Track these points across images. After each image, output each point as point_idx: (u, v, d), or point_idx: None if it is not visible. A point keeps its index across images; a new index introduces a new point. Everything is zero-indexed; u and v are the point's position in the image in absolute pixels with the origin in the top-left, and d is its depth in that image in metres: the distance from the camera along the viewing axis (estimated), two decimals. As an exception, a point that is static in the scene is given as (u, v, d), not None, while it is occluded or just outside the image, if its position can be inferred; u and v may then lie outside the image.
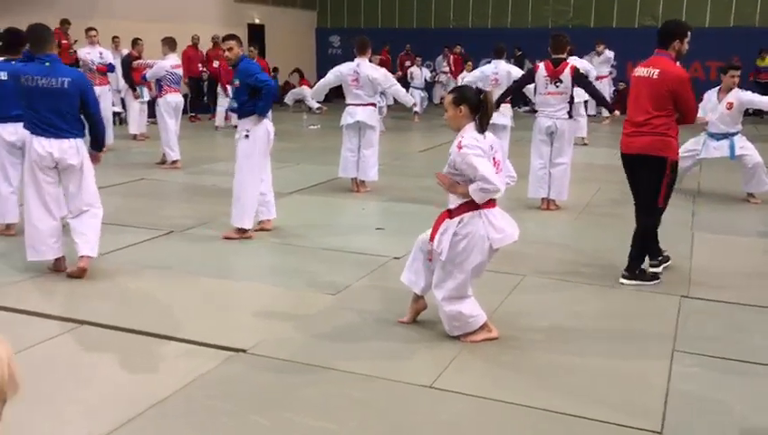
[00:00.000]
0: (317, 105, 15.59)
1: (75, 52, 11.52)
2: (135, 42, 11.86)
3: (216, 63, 14.05)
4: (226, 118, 13.40)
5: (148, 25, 13.90)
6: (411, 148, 11.70)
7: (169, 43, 9.61)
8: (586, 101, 12.12)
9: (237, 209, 5.83)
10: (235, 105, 5.88)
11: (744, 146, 7.61)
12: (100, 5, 14.29)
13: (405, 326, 4.07)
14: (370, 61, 7.92)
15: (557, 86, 6.70)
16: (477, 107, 3.68)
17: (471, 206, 3.69)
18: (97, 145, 4.98)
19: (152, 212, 6.89)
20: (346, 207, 7.41)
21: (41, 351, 3.71)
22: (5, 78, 5.46)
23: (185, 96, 15.65)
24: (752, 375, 3.52)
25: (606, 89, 15.74)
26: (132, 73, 11.50)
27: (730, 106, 7.49)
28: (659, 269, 4.95)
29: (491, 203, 3.74)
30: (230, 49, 5.74)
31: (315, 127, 14.27)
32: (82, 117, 4.83)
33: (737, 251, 5.86)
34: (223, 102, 13.39)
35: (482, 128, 3.71)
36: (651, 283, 4.78)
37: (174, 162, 9.41)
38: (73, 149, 4.70)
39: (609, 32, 17.40)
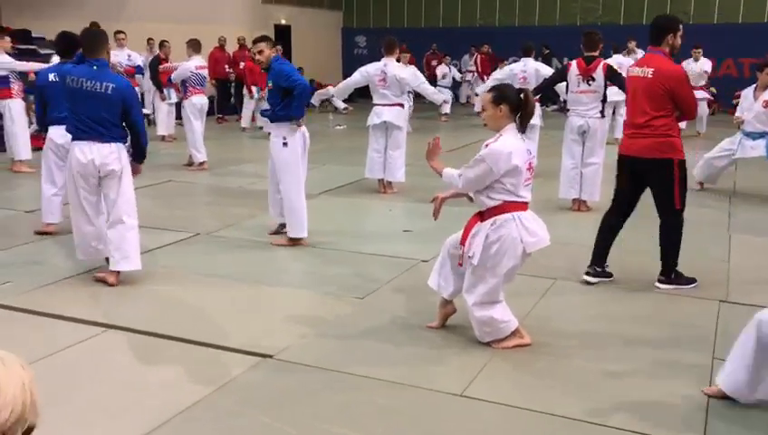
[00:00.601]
0: (343, 105, 15.58)
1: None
2: (162, 44, 11.94)
3: (242, 65, 14.07)
4: (253, 119, 13.44)
5: (176, 27, 13.98)
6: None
7: (194, 45, 9.65)
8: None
9: (294, 221, 5.71)
10: (268, 111, 5.77)
11: None
12: (128, 8, 14.41)
13: (434, 331, 3.98)
14: (398, 60, 7.83)
15: (589, 84, 6.56)
16: (518, 106, 3.59)
17: (503, 208, 3.60)
18: (139, 156, 4.90)
19: (180, 214, 6.89)
20: (373, 209, 7.34)
21: (67, 355, 3.69)
22: (57, 80, 5.54)
23: (211, 98, 15.79)
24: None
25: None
26: (159, 75, 11.59)
27: (766, 104, 7.28)
28: (593, 280, 4.77)
29: (523, 206, 3.64)
30: (260, 52, 5.60)
31: (341, 127, 14.23)
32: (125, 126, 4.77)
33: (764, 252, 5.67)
34: (248, 104, 13.42)
35: (522, 128, 3.62)
36: (689, 286, 4.63)
37: (201, 164, 9.42)
38: (114, 155, 4.63)
39: (639, 29, 16.98)
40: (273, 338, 3.88)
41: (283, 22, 19.18)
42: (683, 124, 11.95)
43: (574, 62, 6.80)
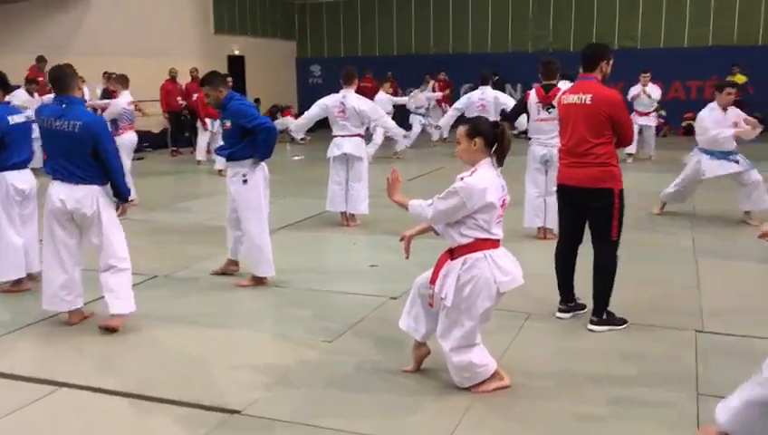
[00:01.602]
0: (301, 136, 15.58)
1: (51, 88, 11.30)
2: (110, 76, 11.72)
3: (194, 97, 13.81)
4: (208, 151, 13.16)
5: (127, 60, 13.67)
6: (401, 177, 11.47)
7: (122, 81, 9.50)
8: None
9: (260, 259, 5.49)
10: (225, 151, 5.50)
11: (742, 162, 7.46)
12: (77, 42, 14.06)
13: (409, 376, 3.81)
14: (358, 91, 7.70)
15: (549, 112, 6.53)
16: (493, 140, 3.48)
17: (475, 246, 3.47)
18: (118, 195, 4.63)
19: (135, 255, 6.55)
20: (336, 243, 7.16)
21: (14, 420, 3.40)
22: (18, 121, 5.26)
23: (165, 130, 15.48)
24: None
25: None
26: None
27: (735, 124, 7.32)
28: (566, 316, 4.68)
29: (495, 244, 3.52)
30: (207, 95, 5.45)
31: (299, 158, 14.06)
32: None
33: (744, 279, 5.67)
34: (204, 136, 13.15)
35: (500, 163, 3.52)
36: (621, 327, 4.47)
37: (131, 200, 9.10)
38: (88, 198, 4.41)
39: (590, 54, 17.44)
40: (239, 390, 3.66)
41: (237, 52, 19.00)
42: (633, 148, 12.22)
43: (533, 91, 6.79)
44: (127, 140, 9.30)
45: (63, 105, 4.43)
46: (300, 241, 7.18)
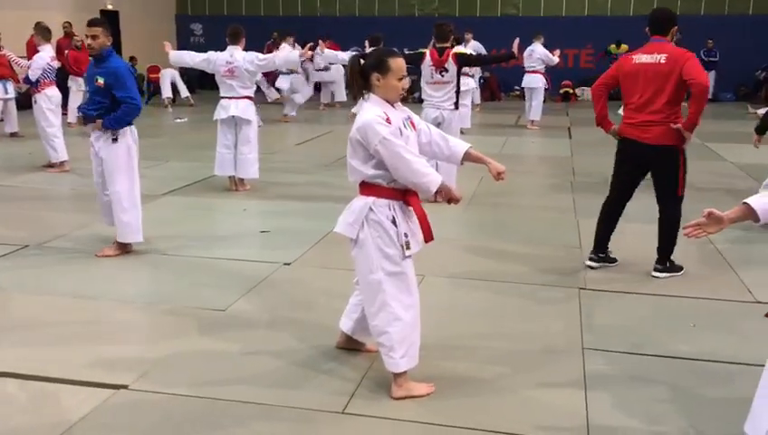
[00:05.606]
0: (186, 94, 14.95)
1: None
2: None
3: (66, 53, 12.85)
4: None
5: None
6: (286, 141, 11.23)
7: (44, 33, 8.80)
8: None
9: (128, 223, 5.17)
10: (92, 110, 5.07)
11: None
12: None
13: (303, 343, 3.74)
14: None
15: (443, 75, 6.56)
16: None
17: None
18: None
19: (2, 224, 6.08)
20: (225, 209, 6.91)
21: None
22: None
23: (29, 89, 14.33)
24: (671, 371, 3.51)
25: (473, 78, 15.99)
26: None
27: None
28: (597, 265, 4.95)
29: None
30: (95, 37, 4.97)
31: (182, 120, 13.47)
32: None
33: (622, 237, 5.96)
34: (76, 98, 12.31)
35: None
36: (680, 273, 4.81)
37: (62, 163, 8.57)
38: None
39: (474, 21, 17.73)
40: (125, 364, 3.45)
41: (110, 7, 17.83)
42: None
43: (428, 53, 6.77)
44: (50, 95, 8.76)
45: None
46: (187, 207, 6.89)
